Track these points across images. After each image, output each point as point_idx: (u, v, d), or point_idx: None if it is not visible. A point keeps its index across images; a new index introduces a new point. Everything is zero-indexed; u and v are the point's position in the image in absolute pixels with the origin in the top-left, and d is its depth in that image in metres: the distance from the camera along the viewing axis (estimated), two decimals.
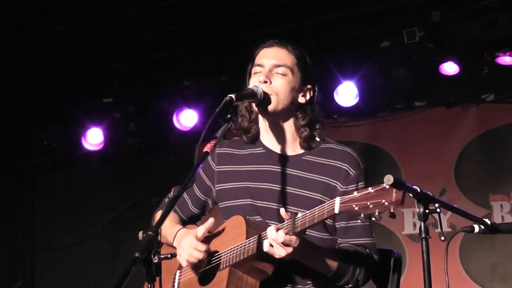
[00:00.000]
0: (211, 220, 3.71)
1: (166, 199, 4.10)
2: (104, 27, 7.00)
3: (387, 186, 3.07)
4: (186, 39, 7.32)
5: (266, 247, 3.39)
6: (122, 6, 6.69)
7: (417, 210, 3.12)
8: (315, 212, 3.31)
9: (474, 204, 7.41)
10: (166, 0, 6.70)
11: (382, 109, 7.83)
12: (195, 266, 3.76)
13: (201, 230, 3.69)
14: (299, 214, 3.36)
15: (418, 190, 3.12)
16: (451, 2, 6.80)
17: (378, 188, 3.11)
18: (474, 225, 3.56)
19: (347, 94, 7.43)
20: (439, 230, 3.21)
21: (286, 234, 3.33)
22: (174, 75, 7.91)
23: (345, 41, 7.27)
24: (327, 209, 3.27)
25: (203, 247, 3.65)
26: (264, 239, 3.43)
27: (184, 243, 3.70)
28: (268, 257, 3.48)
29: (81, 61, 7.70)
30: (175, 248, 3.80)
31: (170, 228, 3.88)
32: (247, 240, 3.53)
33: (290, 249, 3.36)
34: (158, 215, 4.06)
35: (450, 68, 7.20)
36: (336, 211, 3.22)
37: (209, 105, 7.72)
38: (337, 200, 3.22)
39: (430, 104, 7.70)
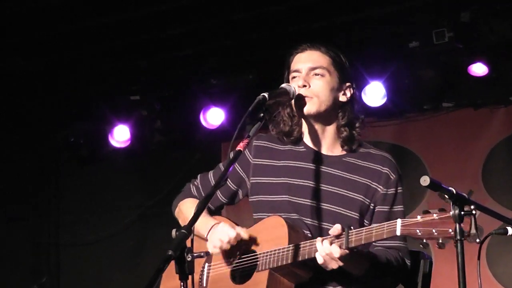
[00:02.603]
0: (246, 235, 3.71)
1: (191, 186, 4.06)
2: (131, 24, 7.01)
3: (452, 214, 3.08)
4: (213, 37, 7.32)
5: (320, 260, 3.38)
6: (149, 3, 6.69)
7: (452, 212, 3.09)
8: (372, 230, 3.31)
9: (501, 206, 7.34)
10: None
11: (409, 109, 7.78)
12: (228, 262, 3.75)
13: (240, 229, 3.71)
14: (352, 228, 3.35)
15: (454, 191, 3.10)
16: (480, 3, 6.75)
17: (444, 216, 3.13)
18: (507, 227, 3.54)
19: (374, 94, 7.40)
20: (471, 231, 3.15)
21: (340, 248, 3.33)
22: (201, 73, 7.90)
23: (373, 40, 7.24)
24: (386, 229, 3.27)
25: (238, 231, 3.65)
26: (312, 249, 3.42)
27: (217, 229, 3.70)
28: (307, 264, 3.49)
29: (108, 58, 7.72)
30: (207, 240, 3.77)
31: (204, 222, 3.80)
32: (290, 246, 3.52)
33: (341, 263, 3.36)
34: (183, 204, 4.03)
35: (478, 69, 7.16)
36: (398, 233, 3.22)
37: (236, 103, 7.73)
38: (399, 222, 3.22)
39: (458, 105, 7.64)
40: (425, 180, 3.02)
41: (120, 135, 8.34)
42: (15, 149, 8.90)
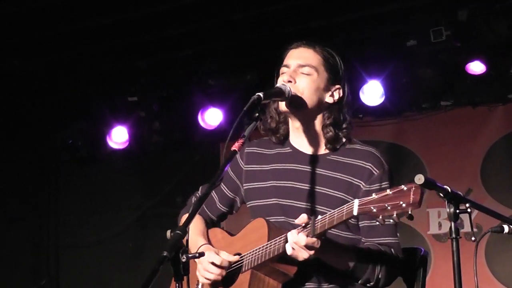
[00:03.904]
0: (236, 258, 3.73)
1: (194, 198, 4.09)
2: (131, 24, 7.01)
3: (405, 188, 3.08)
4: (212, 37, 7.32)
5: (289, 251, 3.39)
6: (149, 3, 6.70)
7: (448, 210, 3.11)
8: (334, 214, 3.31)
9: (500, 204, 7.34)
10: None
11: (408, 108, 7.77)
12: None
13: (224, 255, 3.73)
14: (319, 216, 3.36)
15: (449, 190, 3.11)
16: (478, 1, 6.75)
17: (396, 190, 3.11)
18: (503, 225, 3.54)
19: (372, 93, 7.40)
20: (466, 230, 3.17)
21: (307, 236, 3.33)
22: (199, 74, 7.90)
23: (371, 39, 7.24)
24: (346, 211, 3.27)
25: (219, 269, 3.69)
26: (286, 241, 3.42)
27: (203, 259, 3.71)
28: (289, 259, 3.48)
29: (107, 59, 7.72)
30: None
31: (194, 238, 3.86)
32: (268, 243, 3.54)
33: (312, 252, 3.36)
34: (185, 217, 4.03)
35: (476, 67, 7.15)
36: (355, 213, 3.23)
37: (234, 103, 7.71)
38: (356, 202, 3.22)
39: (456, 103, 7.64)
40: (419, 179, 3.02)
41: (119, 136, 8.34)
42: (15, 149, 8.89)
